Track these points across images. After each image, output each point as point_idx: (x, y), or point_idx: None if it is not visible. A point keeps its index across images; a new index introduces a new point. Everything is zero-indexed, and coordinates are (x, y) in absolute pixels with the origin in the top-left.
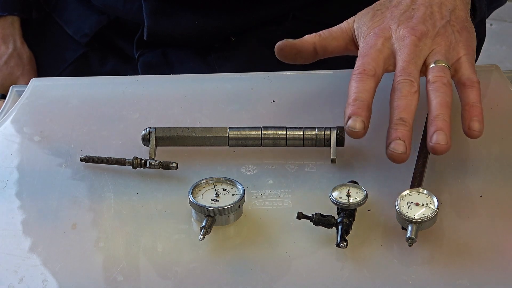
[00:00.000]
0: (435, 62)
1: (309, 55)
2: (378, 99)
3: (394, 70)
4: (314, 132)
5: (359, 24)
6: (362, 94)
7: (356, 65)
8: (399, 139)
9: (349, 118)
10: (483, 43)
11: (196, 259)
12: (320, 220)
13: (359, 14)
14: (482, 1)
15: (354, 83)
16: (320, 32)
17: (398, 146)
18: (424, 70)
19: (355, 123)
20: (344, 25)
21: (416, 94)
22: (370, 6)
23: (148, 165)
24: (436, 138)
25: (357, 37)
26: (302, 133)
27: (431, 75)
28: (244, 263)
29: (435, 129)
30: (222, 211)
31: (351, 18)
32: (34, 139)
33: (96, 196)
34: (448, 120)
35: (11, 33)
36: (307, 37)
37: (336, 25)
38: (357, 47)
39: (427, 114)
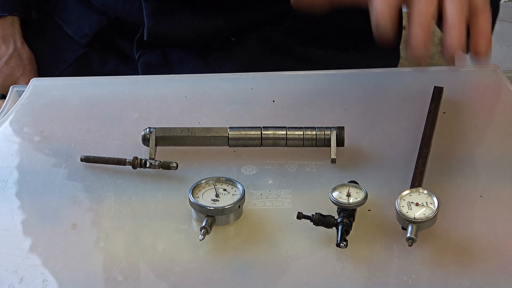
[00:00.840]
0: None
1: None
2: (379, 98)
3: None
4: (314, 132)
5: None
6: None
7: None
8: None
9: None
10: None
11: (196, 259)
12: (320, 220)
13: None
14: None
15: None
16: None
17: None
18: None
19: None
20: None
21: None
22: None
23: (148, 165)
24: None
25: None
26: (302, 133)
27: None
28: (244, 263)
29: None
30: (222, 211)
31: None
32: (34, 139)
33: (96, 196)
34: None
35: (11, 33)
36: None
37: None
38: None
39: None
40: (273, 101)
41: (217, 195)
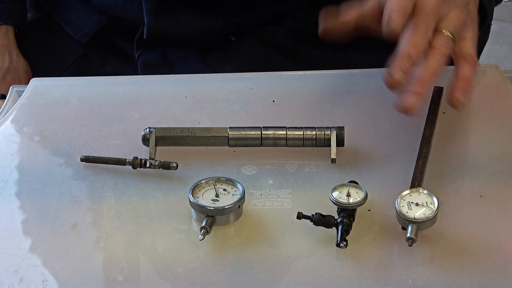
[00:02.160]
0: (444, 30)
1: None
2: (379, 98)
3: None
4: (314, 132)
5: None
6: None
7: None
8: (399, 68)
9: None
10: (485, 45)
11: (196, 259)
12: (320, 220)
13: None
14: (491, 6)
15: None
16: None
17: (395, 72)
18: (432, 33)
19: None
20: None
21: (427, 40)
22: None
23: (148, 165)
24: (406, 99)
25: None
26: (302, 133)
27: (435, 41)
28: (244, 263)
29: (410, 90)
30: (222, 211)
31: None
32: (34, 139)
33: (96, 196)
34: (427, 84)
35: (6, 44)
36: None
37: None
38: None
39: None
40: (273, 101)
41: (217, 195)
